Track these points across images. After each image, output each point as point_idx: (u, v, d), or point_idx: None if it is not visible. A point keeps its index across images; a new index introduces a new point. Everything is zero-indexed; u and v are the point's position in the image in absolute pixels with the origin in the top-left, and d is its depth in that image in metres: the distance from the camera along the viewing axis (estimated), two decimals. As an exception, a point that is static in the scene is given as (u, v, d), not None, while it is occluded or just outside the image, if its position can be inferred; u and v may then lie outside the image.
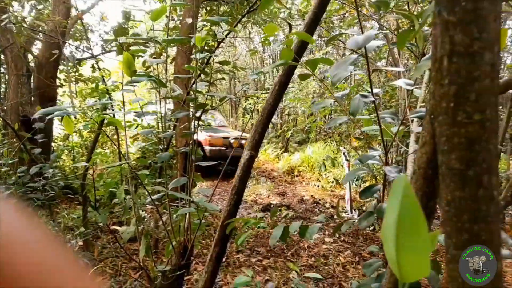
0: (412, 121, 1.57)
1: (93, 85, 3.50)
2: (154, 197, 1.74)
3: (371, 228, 4.85)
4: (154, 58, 2.51)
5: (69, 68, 4.74)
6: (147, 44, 2.09)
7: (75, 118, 5.23)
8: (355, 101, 1.00)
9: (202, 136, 8.17)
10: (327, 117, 9.38)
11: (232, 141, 8.15)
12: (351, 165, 5.81)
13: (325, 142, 10.28)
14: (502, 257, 0.52)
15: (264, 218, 4.76)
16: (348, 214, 5.53)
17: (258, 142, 1.42)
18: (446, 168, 0.51)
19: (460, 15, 0.46)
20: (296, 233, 1.18)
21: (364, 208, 5.71)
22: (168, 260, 1.73)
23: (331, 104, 1.16)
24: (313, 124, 7.00)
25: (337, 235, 4.51)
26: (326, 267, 3.61)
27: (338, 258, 3.85)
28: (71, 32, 5.05)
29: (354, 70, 0.96)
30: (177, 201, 2.82)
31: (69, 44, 4.92)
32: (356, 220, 1.19)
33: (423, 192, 0.66)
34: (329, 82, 6.89)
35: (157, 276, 1.77)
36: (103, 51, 5.43)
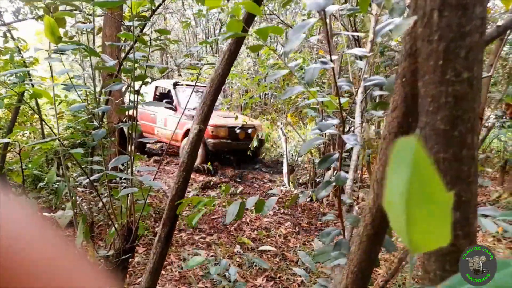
0: (357, 92, 1.59)
1: (6, 57, 3.07)
2: (91, 178, 1.59)
3: (308, 199, 5.06)
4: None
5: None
6: (74, 10, 1.85)
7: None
8: (309, 70, 0.96)
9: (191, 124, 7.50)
10: (262, 94, 9.43)
11: (238, 131, 6.77)
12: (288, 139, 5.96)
13: (261, 119, 10.38)
14: (477, 216, 0.53)
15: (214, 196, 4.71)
16: (285, 187, 5.69)
17: (207, 115, 1.34)
18: (430, 130, 0.49)
19: (452, -35, 0.43)
20: (251, 208, 1.14)
21: (301, 181, 5.92)
22: (111, 244, 1.61)
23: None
24: (250, 100, 6.98)
25: (277, 208, 4.63)
26: (269, 239, 3.70)
27: (279, 230, 3.96)
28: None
29: (306, 39, 0.93)
30: (114, 182, 2.64)
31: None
32: (310, 191, 1.19)
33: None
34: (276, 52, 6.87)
35: (98, 262, 1.64)
36: (16, 19, 4.78)
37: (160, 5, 2.18)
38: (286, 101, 7.23)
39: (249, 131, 7.08)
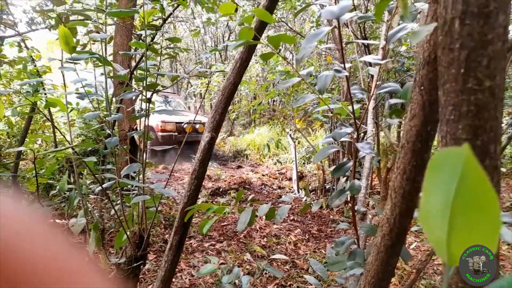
0: (369, 99, 1.58)
1: (20, 67, 3.12)
2: (104, 185, 1.60)
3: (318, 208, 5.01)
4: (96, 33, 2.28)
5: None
6: (86, 20, 1.88)
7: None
8: (322, 78, 0.96)
9: (154, 121, 7.70)
10: (270, 101, 9.44)
11: (184, 126, 7.86)
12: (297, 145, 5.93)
13: (269, 125, 10.39)
14: (501, 226, 0.52)
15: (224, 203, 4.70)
16: (295, 194, 5.66)
17: (218, 123, 1.34)
18: (451, 139, 0.48)
19: (473, -27, 0.43)
20: (262, 216, 1.14)
21: (310, 187, 5.88)
22: (122, 252, 1.61)
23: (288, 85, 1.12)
24: (259, 107, 7.00)
25: (287, 215, 4.60)
26: (279, 246, 3.67)
27: (289, 237, 3.93)
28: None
29: (316, 47, 0.92)
30: (125, 189, 2.65)
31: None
32: (322, 200, 1.18)
33: (412, 166, 0.64)
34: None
35: (109, 270, 1.65)
36: (30, 29, 4.89)
37: (170, 14, 2.20)
38: (294, 108, 7.22)
39: (197, 126, 8.06)
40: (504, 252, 3.44)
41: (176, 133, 7.90)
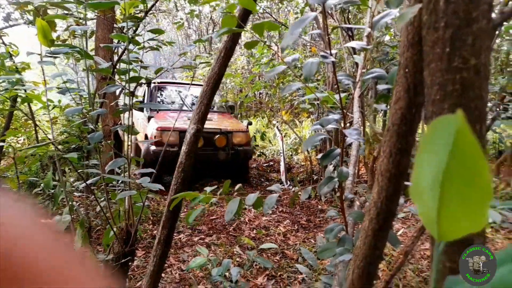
0: (354, 87, 1.59)
1: (-3, 63, 3.02)
2: (88, 181, 1.57)
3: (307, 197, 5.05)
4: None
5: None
6: (65, 13, 1.82)
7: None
8: (307, 65, 0.95)
9: (151, 128, 5.26)
10: (257, 93, 9.43)
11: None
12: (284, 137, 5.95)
13: (256, 118, 10.38)
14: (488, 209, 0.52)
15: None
16: (283, 185, 5.68)
17: (204, 114, 1.33)
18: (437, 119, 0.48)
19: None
20: (250, 206, 1.13)
21: (298, 179, 5.91)
22: (110, 248, 1.59)
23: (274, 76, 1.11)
24: (246, 99, 6.97)
25: (275, 207, 4.62)
26: (268, 238, 3.69)
27: (278, 228, 3.95)
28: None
29: (300, 36, 0.91)
30: (111, 185, 2.61)
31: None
32: (310, 188, 1.18)
33: (397, 149, 0.64)
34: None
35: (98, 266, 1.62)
36: (8, 25, 4.74)
37: (153, 5, 2.16)
38: (280, 100, 7.22)
39: (216, 137, 5.34)
40: (488, 234, 3.52)
41: (177, 148, 4.91)
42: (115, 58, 3.37)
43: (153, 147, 5.04)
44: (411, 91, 0.61)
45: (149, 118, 5.61)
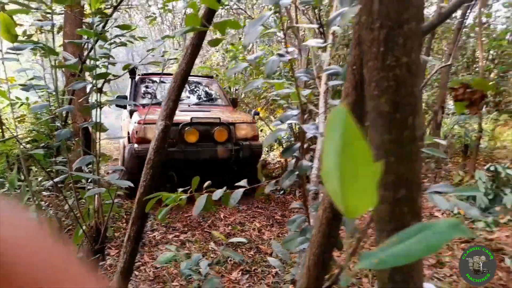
0: (321, 82, 1.63)
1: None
2: (55, 180, 1.55)
3: (281, 192, 5.13)
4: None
5: None
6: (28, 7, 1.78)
7: None
8: (269, 63, 0.98)
9: (132, 123, 4.43)
10: (233, 89, 9.41)
11: (184, 129, 4.21)
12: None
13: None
14: (421, 193, 0.57)
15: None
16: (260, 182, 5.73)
17: (172, 110, 1.34)
18: (376, 113, 0.52)
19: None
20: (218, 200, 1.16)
21: (274, 174, 5.98)
22: (79, 246, 1.57)
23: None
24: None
25: (251, 203, 4.67)
26: (243, 233, 3.72)
27: (253, 224, 3.99)
28: None
29: (268, 33, 0.94)
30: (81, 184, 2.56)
31: None
32: (274, 181, 1.21)
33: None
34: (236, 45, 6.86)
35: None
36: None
37: (122, 1, 2.14)
38: (257, 96, 7.26)
39: (214, 130, 4.37)
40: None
41: (170, 145, 4.15)
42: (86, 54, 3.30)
43: (135, 146, 4.03)
44: (358, 87, 0.65)
45: (131, 113, 4.68)
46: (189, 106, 5.11)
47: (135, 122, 4.28)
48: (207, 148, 4.35)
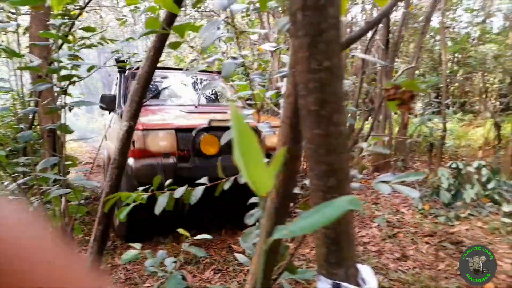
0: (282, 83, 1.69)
1: None
2: (19, 181, 1.54)
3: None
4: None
5: None
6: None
7: None
8: (226, 66, 1.04)
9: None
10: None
11: (199, 136, 3.08)
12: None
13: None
14: (349, 182, 0.64)
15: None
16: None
17: (136, 111, 1.37)
18: (305, 111, 0.59)
19: (308, -27, 0.52)
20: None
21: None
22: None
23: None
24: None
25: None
26: (216, 232, 3.76)
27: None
28: None
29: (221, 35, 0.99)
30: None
31: None
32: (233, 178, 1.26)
33: (290, 138, 0.74)
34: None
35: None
36: None
37: (88, 3, 2.14)
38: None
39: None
40: (417, 220, 3.85)
41: (176, 160, 3.02)
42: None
43: (131, 162, 2.82)
44: (297, 87, 0.72)
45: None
46: (196, 107, 3.62)
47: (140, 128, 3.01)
48: (232, 163, 2.54)
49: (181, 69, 4.26)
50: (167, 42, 1.41)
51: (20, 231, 0.24)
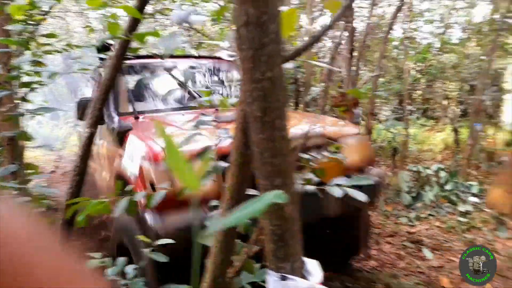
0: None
1: None
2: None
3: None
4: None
5: None
6: None
7: None
8: (186, 73, 1.09)
9: (132, 155, 1.79)
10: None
11: None
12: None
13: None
14: (294, 181, 0.69)
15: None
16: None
17: (97, 118, 1.38)
18: (251, 117, 0.64)
19: (251, -7, 0.58)
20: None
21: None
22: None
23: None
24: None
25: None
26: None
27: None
28: None
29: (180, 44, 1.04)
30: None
31: None
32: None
33: (242, 143, 0.79)
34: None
35: None
36: None
37: (47, 12, 2.12)
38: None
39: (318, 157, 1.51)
40: (380, 221, 4.00)
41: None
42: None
43: (149, 217, 1.58)
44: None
45: (120, 135, 1.97)
46: (216, 110, 1.99)
47: (142, 158, 1.72)
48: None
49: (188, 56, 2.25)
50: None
51: (20, 231, 0.24)
